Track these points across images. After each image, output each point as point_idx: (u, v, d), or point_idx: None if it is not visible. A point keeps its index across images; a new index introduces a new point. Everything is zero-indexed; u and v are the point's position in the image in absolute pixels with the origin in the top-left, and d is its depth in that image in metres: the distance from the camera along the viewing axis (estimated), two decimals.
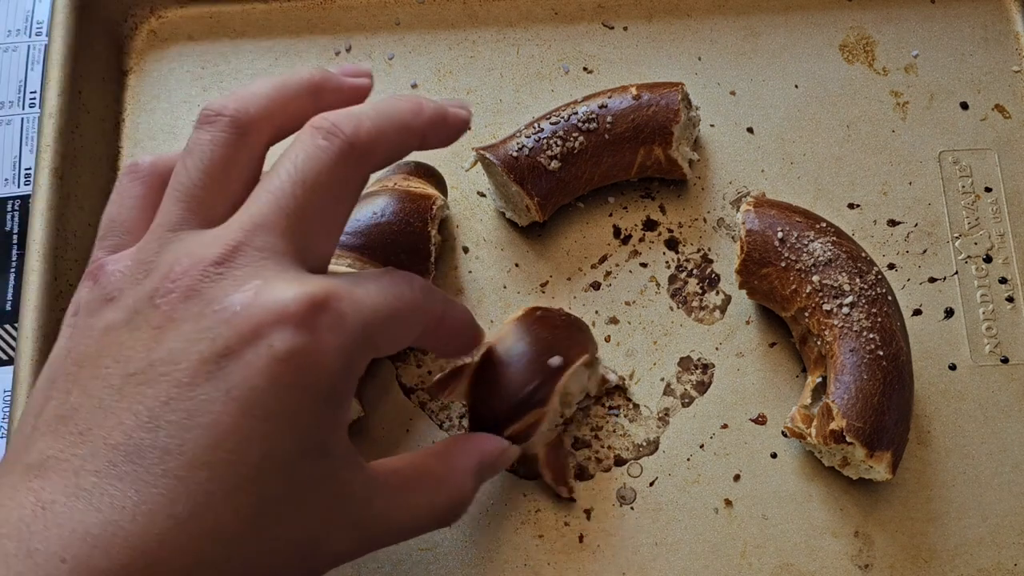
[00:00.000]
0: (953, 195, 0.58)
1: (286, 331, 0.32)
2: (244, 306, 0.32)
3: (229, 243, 0.33)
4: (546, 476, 0.49)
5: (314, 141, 0.35)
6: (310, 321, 0.32)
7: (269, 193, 0.34)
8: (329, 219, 0.36)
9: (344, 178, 0.35)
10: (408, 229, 0.51)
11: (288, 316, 0.32)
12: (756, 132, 0.59)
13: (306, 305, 0.32)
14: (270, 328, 0.32)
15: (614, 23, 0.62)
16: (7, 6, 0.62)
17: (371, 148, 0.36)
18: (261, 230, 0.34)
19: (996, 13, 0.62)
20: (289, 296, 0.32)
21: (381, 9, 0.62)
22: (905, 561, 0.49)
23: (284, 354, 0.31)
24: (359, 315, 0.33)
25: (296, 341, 0.32)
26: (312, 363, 0.32)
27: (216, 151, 0.35)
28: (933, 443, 0.52)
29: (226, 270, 0.33)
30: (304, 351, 0.32)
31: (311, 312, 0.32)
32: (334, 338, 0.32)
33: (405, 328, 0.37)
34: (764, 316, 0.55)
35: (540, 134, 0.53)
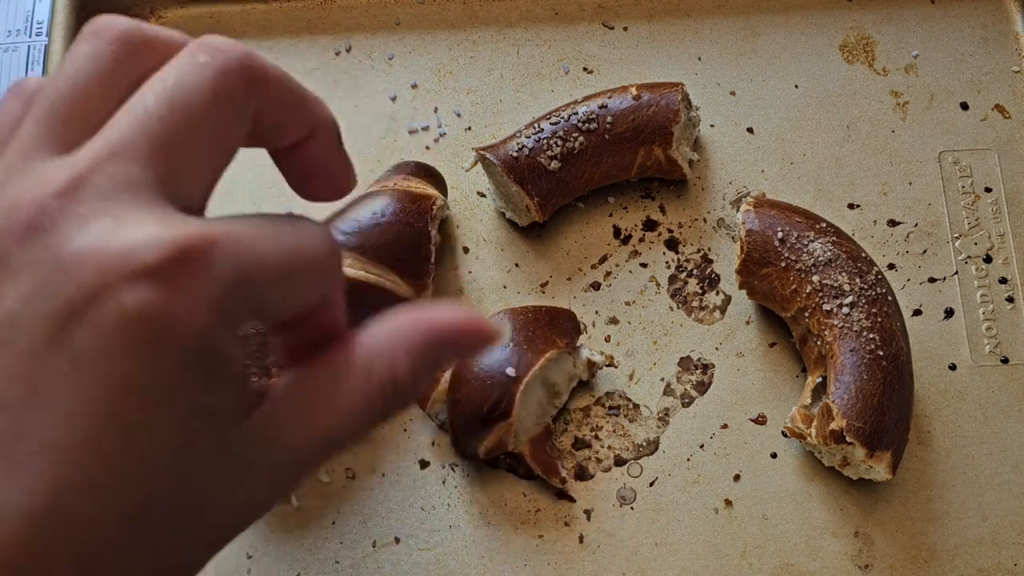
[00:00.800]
0: (953, 195, 0.58)
1: (139, 284, 0.25)
2: (89, 252, 0.26)
3: (77, 170, 0.27)
4: (535, 470, 0.50)
5: (192, 57, 0.29)
6: (170, 270, 0.26)
7: (131, 115, 0.28)
8: (205, 149, 0.29)
9: (225, 97, 0.29)
10: (408, 229, 0.51)
11: (141, 266, 0.25)
12: (756, 132, 0.59)
13: (166, 250, 0.26)
14: (119, 281, 0.25)
15: (614, 23, 0.62)
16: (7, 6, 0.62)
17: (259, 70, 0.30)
18: (117, 156, 0.27)
19: (996, 13, 0.62)
20: (144, 238, 0.26)
21: (381, 9, 0.62)
22: (905, 561, 0.49)
23: (135, 312, 0.25)
24: (237, 263, 0.27)
25: (151, 296, 0.25)
26: (173, 322, 0.26)
27: (92, 64, 0.29)
28: (933, 443, 0.52)
29: (69, 204, 0.26)
30: (160, 308, 0.26)
31: (172, 260, 0.26)
32: (201, 291, 0.26)
33: (302, 288, 0.30)
34: (764, 316, 0.55)
35: (540, 134, 0.53)
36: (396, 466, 0.51)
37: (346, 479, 0.51)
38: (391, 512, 0.50)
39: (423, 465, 0.51)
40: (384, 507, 0.51)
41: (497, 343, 0.34)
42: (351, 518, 0.50)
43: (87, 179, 0.27)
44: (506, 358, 0.49)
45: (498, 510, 0.50)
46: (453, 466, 0.51)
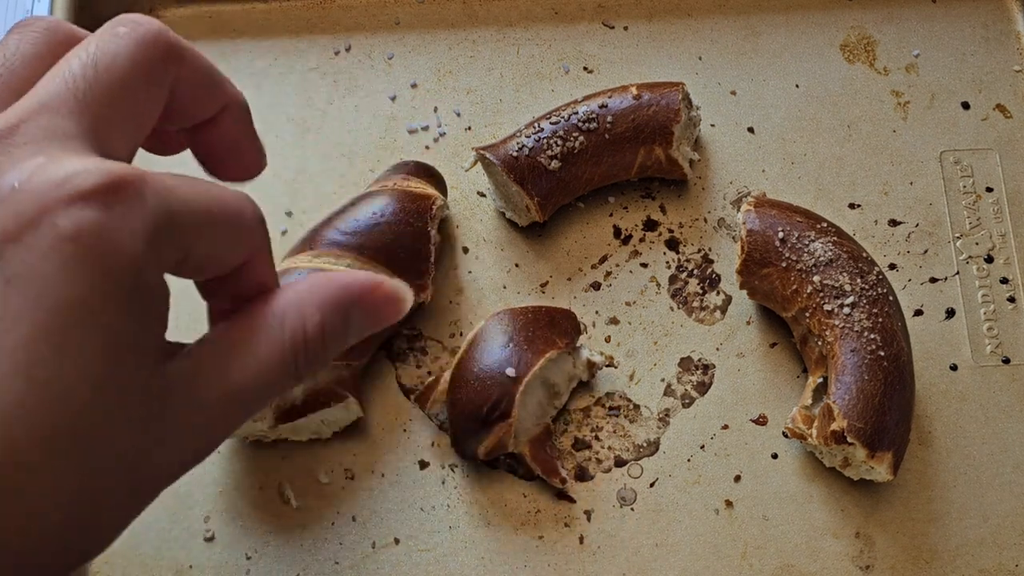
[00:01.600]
0: (954, 195, 0.57)
1: (73, 208, 0.27)
2: (22, 183, 0.27)
3: (8, 121, 0.29)
4: (535, 471, 0.50)
5: (112, 29, 0.31)
6: (104, 197, 0.27)
7: (57, 77, 0.30)
8: (128, 111, 0.31)
9: (143, 62, 0.31)
10: (408, 229, 0.50)
11: (77, 192, 0.27)
12: (757, 132, 0.59)
13: (99, 180, 0.27)
14: (55, 205, 0.27)
15: (614, 23, 0.62)
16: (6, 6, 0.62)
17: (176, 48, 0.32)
18: (46, 109, 0.29)
19: (997, 13, 0.62)
20: (79, 168, 0.27)
21: (381, 9, 0.62)
22: (906, 562, 0.49)
23: (72, 232, 0.26)
24: (165, 199, 0.29)
25: (85, 217, 0.27)
26: (107, 243, 0.27)
27: (22, 47, 0.32)
28: (934, 444, 0.52)
29: (2, 147, 0.28)
30: (96, 229, 0.27)
31: (106, 187, 0.27)
32: (133, 217, 0.27)
33: (223, 238, 0.31)
34: (765, 316, 0.54)
35: (540, 134, 0.53)
36: (396, 466, 0.51)
37: (345, 480, 0.51)
38: (391, 513, 0.50)
39: (423, 466, 0.51)
40: (383, 508, 0.50)
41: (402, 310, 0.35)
42: (350, 519, 0.50)
43: (18, 127, 0.28)
44: (506, 358, 0.48)
45: (498, 511, 0.50)
46: (453, 466, 0.51)
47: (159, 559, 0.49)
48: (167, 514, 0.50)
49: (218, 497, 0.51)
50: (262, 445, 0.51)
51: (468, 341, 0.50)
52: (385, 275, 0.46)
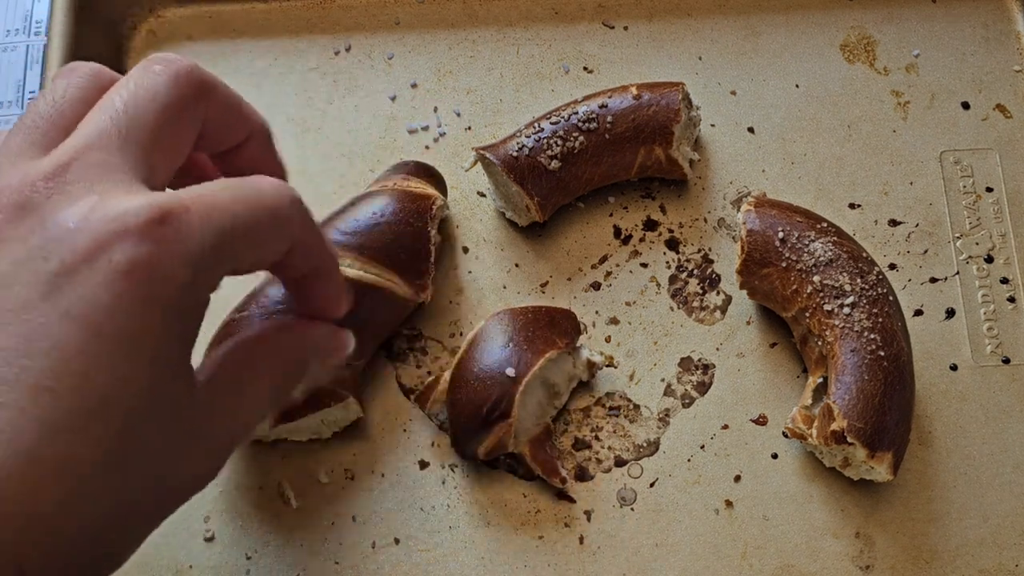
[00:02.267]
0: (954, 195, 0.57)
1: (127, 243, 0.29)
2: (79, 221, 0.30)
3: (61, 159, 0.31)
4: (536, 471, 0.50)
5: (147, 68, 0.34)
6: (153, 232, 0.30)
7: (101, 112, 0.33)
8: (166, 138, 0.34)
9: (180, 98, 0.34)
10: (408, 229, 0.50)
11: (128, 228, 0.29)
12: (757, 132, 0.59)
13: (148, 215, 0.30)
14: (109, 242, 0.29)
15: (614, 23, 0.62)
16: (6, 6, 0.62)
17: (207, 83, 0.35)
18: (94, 147, 0.32)
19: (997, 13, 0.62)
20: (129, 207, 0.30)
21: (381, 9, 0.62)
22: (906, 562, 0.49)
23: (126, 266, 0.29)
24: (210, 222, 0.31)
25: (138, 252, 0.29)
26: (158, 275, 0.30)
27: (69, 91, 0.34)
28: (934, 444, 0.52)
29: (57, 185, 0.31)
30: (147, 262, 0.29)
31: (154, 222, 0.30)
32: (181, 247, 0.30)
33: (267, 238, 0.34)
34: (765, 316, 0.54)
35: (540, 134, 0.53)
36: (396, 466, 0.51)
37: (345, 480, 0.51)
38: (390, 513, 0.50)
39: (423, 466, 0.51)
40: (383, 508, 0.50)
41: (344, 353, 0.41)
42: (350, 519, 0.50)
43: (71, 165, 0.31)
44: (506, 358, 0.48)
45: (498, 511, 0.50)
46: (453, 466, 0.51)
47: (159, 559, 0.49)
48: None
49: (218, 497, 0.51)
50: (262, 445, 0.51)
51: (468, 341, 0.50)
52: (388, 276, 0.47)
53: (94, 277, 0.29)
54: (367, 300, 0.49)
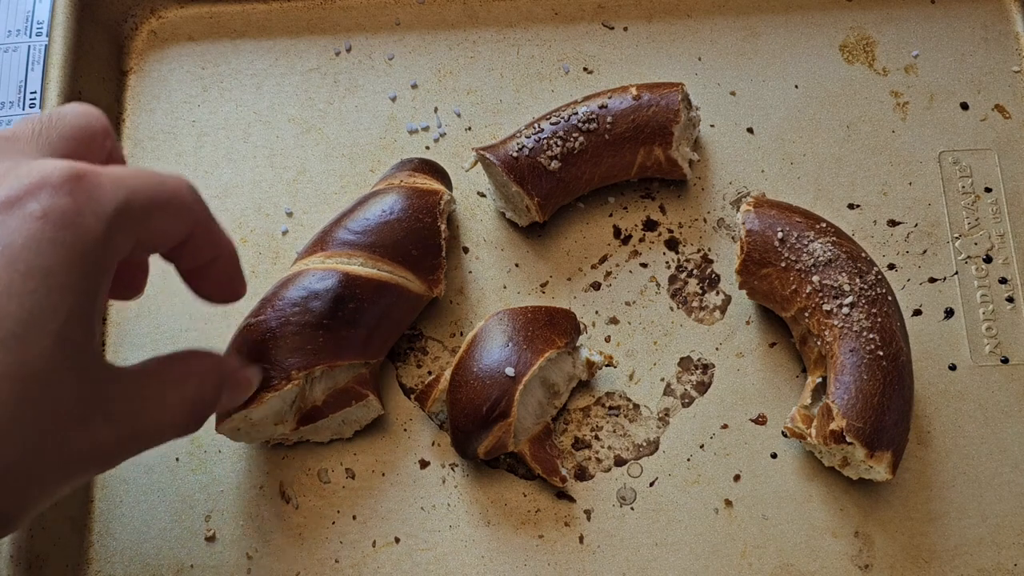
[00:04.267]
0: (953, 195, 0.58)
1: (44, 193, 0.32)
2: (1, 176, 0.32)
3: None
4: (536, 470, 0.50)
5: None
6: (67, 186, 0.32)
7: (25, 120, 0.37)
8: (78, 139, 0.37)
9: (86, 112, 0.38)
10: (418, 225, 0.50)
11: (44, 182, 0.32)
12: (756, 132, 0.59)
13: (63, 173, 0.33)
14: (28, 192, 0.32)
15: (614, 23, 0.62)
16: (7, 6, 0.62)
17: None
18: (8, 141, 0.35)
19: (996, 13, 0.62)
20: (47, 167, 0.33)
21: (381, 9, 0.62)
22: (905, 561, 0.49)
23: (41, 212, 0.32)
24: (120, 188, 0.34)
25: (55, 201, 0.32)
26: (72, 222, 0.32)
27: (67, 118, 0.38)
28: (933, 443, 0.52)
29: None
30: (62, 210, 0.32)
31: (71, 178, 0.33)
32: (94, 203, 0.33)
33: (169, 217, 0.37)
34: (764, 316, 0.55)
35: (540, 134, 0.53)
36: (396, 466, 0.51)
37: (346, 479, 0.51)
38: (391, 512, 0.50)
39: (423, 465, 0.51)
40: (384, 507, 0.51)
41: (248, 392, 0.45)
42: (351, 518, 0.50)
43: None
44: (505, 358, 0.48)
45: (498, 510, 0.50)
46: (453, 466, 0.51)
47: (160, 558, 0.50)
48: (168, 514, 0.50)
49: (219, 497, 0.51)
50: (262, 445, 0.52)
51: (468, 341, 0.50)
52: (400, 273, 0.50)
53: (13, 221, 0.31)
54: (381, 298, 0.49)
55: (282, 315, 0.48)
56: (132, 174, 0.35)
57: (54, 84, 0.56)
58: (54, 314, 0.32)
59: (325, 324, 0.48)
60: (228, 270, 0.41)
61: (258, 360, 0.47)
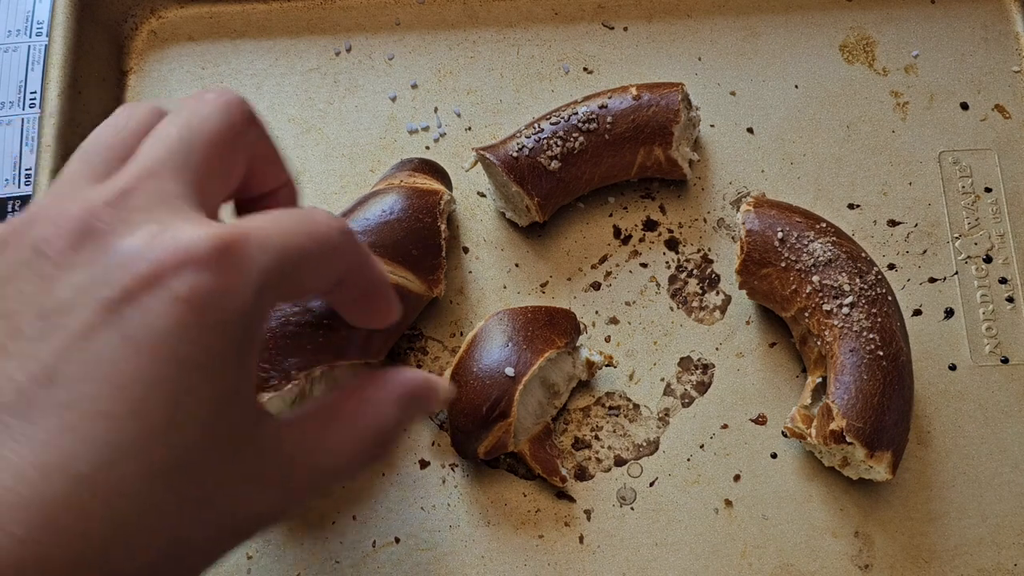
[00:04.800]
0: (953, 195, 0.58)
1: (188, 271, 0.29)
2: (141, 249, 0.30)
3: (120, 187, 0.31)
4: (536, 470, 0.50)
5: (200, 98, 0.35)
6: (214, 260, 0.30)
7: (158, 141, 0.33)
8: (219, 168, 0.35)
9: (231, 126, 0.35)
10: (418, 225, 0.51)
11: (191, 257, 0.30)
12: (756, 132, 0.59)
13: (209, 244, 0.30)
14: (172, 270, 0.29)
15: (614, 23, 0.62)
16: (7, 6, 0.62)
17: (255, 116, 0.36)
18: (152, 175, 0.32)
19: (996, 13, 0.62)
20: (189, 236, 0.30)
21: (381, 9, 0.62)
22: (905, 561, 0.49)
23: (187, 294, 0.29)
24: (268, 252, 0.32)
25: (200, 280, 0.29)
26: (219, 303, 0.30)
27: (130, 123, 0.35)
28: (933, 443, 0.52)
29: (118, 212, 0.31)
30: (209, 290, 0.30)
31: (215, 251, 0.30)
32: (241, 276, 0.30)
33: (319, 268, 0.35)
34: (764, 316, 0.55)
35: (540, 134, 0.53)
36: (396, 466, 0.51)
37: None
38: (391, 512, 0.50)
39: (423, 465, 0.51)
40: (384, 507, 0.51)
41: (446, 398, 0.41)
42: (351, 518, 0.50)
43: (131, 193, 0.31)
44: (505, 358, 0.49)
45: (498, 510, 0.50)
46: (453, 466, 0.51)
47: None
48: None
49: None
50: None
51: (468, 341, 0.50)
52: (400, 273, 0.47)
53: (155, 304, 0.29)
54: None
55: (282, 315, 0.48)
56: (280, 229, 0.33)
57: (54, 84, 0.56)
58: (201, 402, 0.30)
59: (325, 324, 0.48)
60: (380, 302, 0.39)
61: (259, 360, 0.47)
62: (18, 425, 0.28)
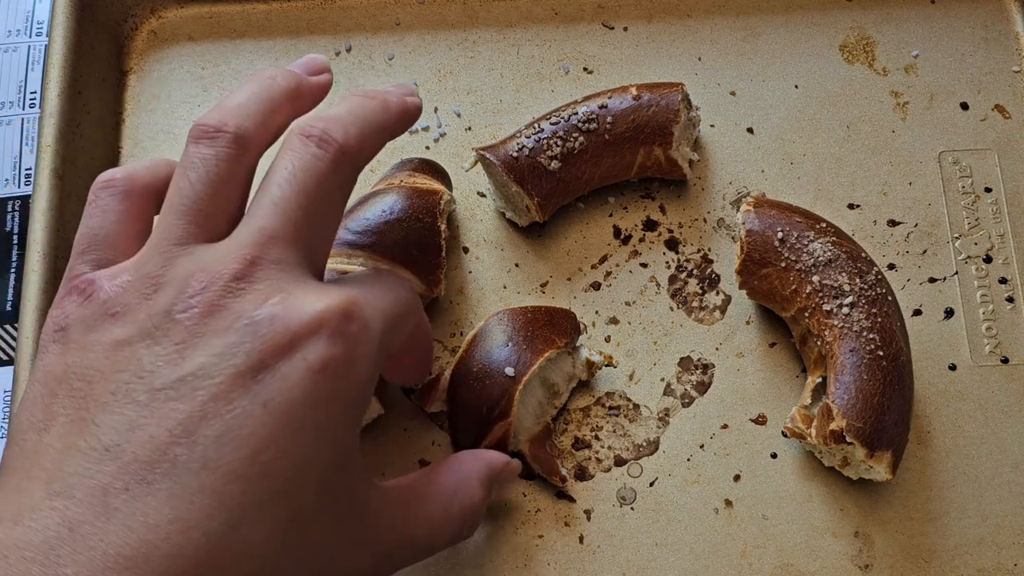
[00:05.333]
0: (953, 195, 0.58)
1: (319, 341, 0.32)
2: (273, 318, 0.32)
3: (245, 257, 0.33)
4: (536, 470, 0.50)
5: (308, 150, 0.35)
6: (341, 330, 0.32)
7: (273, 204, 0.34)
8: (328, 225, 0.36)
9: (339, 184, 0.36)
10: (418, 225, 0.51)
11: (320, 326, 0.32)
12: (756, 132, 0.59)
13: (336, 314, 0.32)
14: (303, 339, 0.32)
15: (614, 23, 0.62)
16: (7, 6, 0.62)
17: (359, 152, 0.37)
18: (273, 242, 0.33)
19: (996, 13, 0.62)
20: (318, 307, 0.32)
21: (381, 9, 0.62)
22: (905, 561, 0.49)
23: (320, 365, 0.31)
24: (379, 321, 0.34)
25: (331, 351, 0.32)
26: (346, 372, 0.32)
27: (220, 166, 0.35)
28: (933, 443, 0.52)
29: (247, 284, 0.33)
30: (339, 360, 0.32)
31: (341, 321, 0.32)
32: (363, 345, 0.33)
33: (406, 329, 0.37)
34: (764, 316, 0.55)
35: (540, 134, 0.53)
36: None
37: None
38: None
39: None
40: None
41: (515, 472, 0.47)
42: None
43: (256, 264, 0.33)
44: (505, 358, 0.49)
45: (498, 510, 0.50)
46: None
47: None
48: None
49: None
50: None
51: (468, 341, 0.50)
52: (401, 273, 0.49)
53: (290, 372, 0.31)
54: None
55: None
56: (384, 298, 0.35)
57: (54, 84, 0.56)
58: (319, 464, 0.32)
59: None
60: (421, 359, 0.43)
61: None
62: (158, 482, 0.29)
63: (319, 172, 0.35)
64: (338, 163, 0.36)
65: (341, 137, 0.36)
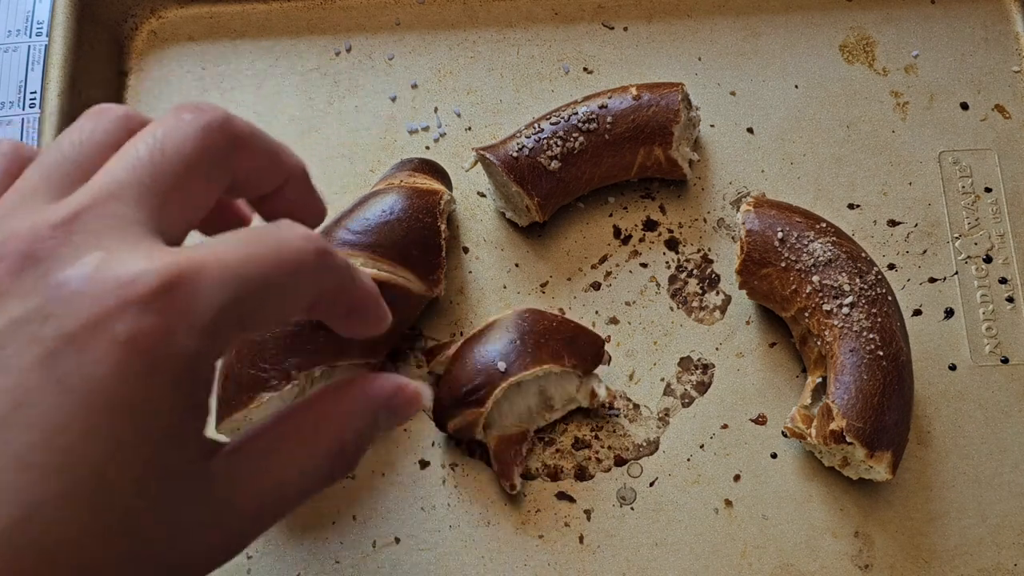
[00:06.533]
0: (953, 195, 0.58)
1: (130, 312, 0.27)
2: (82, 282, 0.27)
3: (72, 208, 0.29)
4: (493, 466, 0.50)
5: (177, 115, 0.32)
6: (158, 301, 0.27)
7: (124, 160, 0.31)
8: (190, 191, 0.32)
9: (207, 149, 0.32)
10: (418, 225, 0.51)
11: (133, 296, 0.27)
12: (756, 132, 0.59)
13: (154, 283, 0.27)
14: (113, 310, 0.27)
15: (614, 23, 0.62)
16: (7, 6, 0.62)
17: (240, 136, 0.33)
18: (111, 196, 0.30)
19: (996, 13, 0.62)
20: (134, 271, 0.28)
21: (381, 9, 0.62)
22: (905, 561, 0.49)
23: (128, 338, 0.27)
24: (224, 285, 0.29)
25: (142, 323, 0.27)
26: (162, 347, 0.27)
27: (96, 134, 0.32)
28: (933, 443, 0.52)
29: (65, 235, 0.28)
30: (151, 334, 0.27)
31: (161, 290, 0.27)
32: (187, 317, 0.28)
33: (288, 295, 0.31)
34: (764, 316, 0.55)
35: (540, 134, 0.53)
36: (396, 466, 0.51)
37: (346, 479, 0.51)
38: (391, 512, 0.50)
39: (423, 465, 0.51)
40: (384, 507, 0.51)
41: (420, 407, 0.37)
42: (351, 518, 0.50)
43: (82, 215, 0.29)
44: (504, 353, 0.49)
45: (498, 510, 0.50)
46: (453, 466, 0.51)
47: None
48: None
49: None
50: None
51: (487, 323, 0.51)
52: (401, 273, 0.47)
53: (93, 347, 0.27)
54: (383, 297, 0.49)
55: None
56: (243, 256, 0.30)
57: (54, 84, 0.56)
58: (138, 450, 0.28)
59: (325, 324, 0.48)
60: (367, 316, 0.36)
61: (258, 360, 0.47)
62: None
63: (184, 134, 0.31)
64: (209, 128, 0.32)
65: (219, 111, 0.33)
